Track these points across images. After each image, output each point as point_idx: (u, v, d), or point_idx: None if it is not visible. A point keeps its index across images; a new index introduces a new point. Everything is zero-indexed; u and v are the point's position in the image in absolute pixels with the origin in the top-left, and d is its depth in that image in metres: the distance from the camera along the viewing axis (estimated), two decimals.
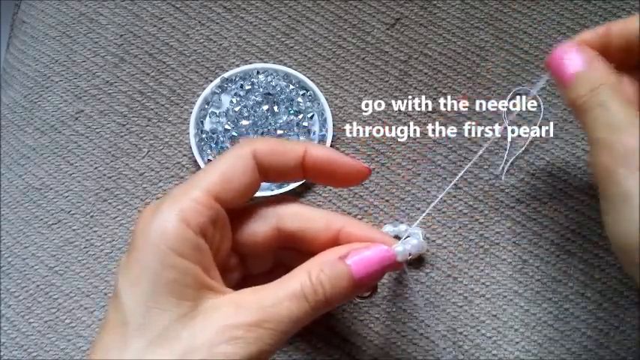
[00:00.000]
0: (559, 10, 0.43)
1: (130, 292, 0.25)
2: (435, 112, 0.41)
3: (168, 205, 0.26)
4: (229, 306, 0.25)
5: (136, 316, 0.24)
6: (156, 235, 0.25)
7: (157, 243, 0.25)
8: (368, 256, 0.27)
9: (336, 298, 0.26)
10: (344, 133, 0.41)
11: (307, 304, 0.26)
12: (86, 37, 0.44)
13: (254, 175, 0.28)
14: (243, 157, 0.28)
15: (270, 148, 0.28)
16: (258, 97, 0.41)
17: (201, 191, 0.26)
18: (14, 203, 0.40)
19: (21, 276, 0.38)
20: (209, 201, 0.26)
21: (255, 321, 0.25)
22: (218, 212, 0.27)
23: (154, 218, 0.25)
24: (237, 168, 0.27)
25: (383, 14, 0.44)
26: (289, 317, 0.25)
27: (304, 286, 0.26)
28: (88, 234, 0.39)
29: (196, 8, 0.45)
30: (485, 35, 0.43)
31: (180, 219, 0.25)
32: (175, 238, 0.25)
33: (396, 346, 0.36)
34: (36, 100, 0.43)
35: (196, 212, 0.26)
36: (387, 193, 0.39)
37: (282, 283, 0.26)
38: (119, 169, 0.40)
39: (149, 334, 0.24)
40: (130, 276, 0.25)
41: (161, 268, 0.24)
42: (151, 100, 0.42)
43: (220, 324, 0.24)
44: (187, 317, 0.24)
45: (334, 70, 0.42)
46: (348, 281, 0.27)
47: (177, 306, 0.24)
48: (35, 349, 0.36)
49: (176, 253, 0.25)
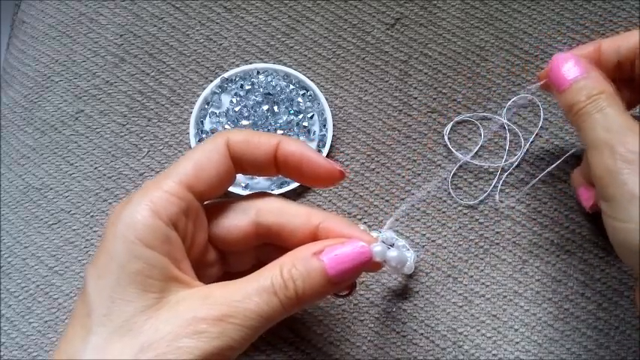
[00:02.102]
0: (559, 10, 0.43)
1: (95, 283, 0.24)
2: (435, 112, 0.41)
3: (139, 196, 0.25)
4: (196, 299, 0.24)
5: (99, 308, 0.24)
6: (124, 226, 0.25)
7: (125, 234, 0.24)
8: (343, 253, 0.26)
9: (308, 295, 0.25)
10: (344, 133, 0.41)
11: (277, 300, 0.25)
12: (86, 37, 0.44)
13: (228, 166, 0.27)
14: (216, 147, 0.27)
15: (244, 138, 0.28)
16: (258, 97, 0.41)
17: (173, 181, 0.26)
18: (14, 203, 0.40)
19: (21, 276, 0.38)
20: (181, 191, 0.26)
21: (220, 315, 0.24)
22: (190, 203, 0.26)
23: (123, 209, 0.25)
24: (210, 158, 0.27)
25: (383, 14, 0.44)
26: (257, 313, 0.24)
27: (275, 281, 0.25)
28: (88, 234, 0.39)
29: (196, 8, 0.45)
30: (485, 35, 0.43)
31: (150, 209, 0.25)
32: (143, 229, 0.24)
33: (396, 346, 0.36)
34: (36, 100, 0.43)
35: (167, 202, 0.25)
36: (387, 193, 0.39)
37: (252, 277, 0.25)
38: (119, 169, 0.40)
39: (111, 326, 0.23)
40: (97, 267, 0.25)
41: (127, 259, 0.24)
42: (151, 100, 0.42)
43: (184, 317, 0.24)
44: (152, 309, 0.24)
45: (334, 70, 0.42)
46: (321, 278, 0.25)
47: (142, 297, 0.24)
48: (35, 349, 0.36)
49: (143, 244, 0.24)
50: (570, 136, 0.40)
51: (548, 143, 0.40)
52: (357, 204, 0.39)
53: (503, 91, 0.41)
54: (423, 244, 0.38)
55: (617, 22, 0.43)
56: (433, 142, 0.40)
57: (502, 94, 0.41)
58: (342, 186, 0.39)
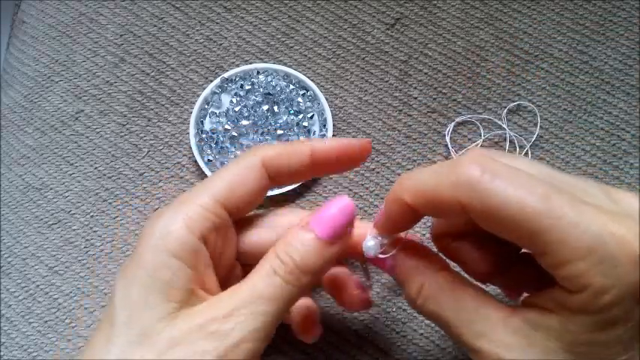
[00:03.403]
0: (559, 10, 0.43)
1: (121, 292, 0.25)
2: (435, 112, 0.41)
3: (174, 208, 0.26)
4: (206, 305, 0.25)
5: (121, 316, 0.24)
6: (157, 237, 0.25)
7: (157, 244, 0.25)
8: (325, 211, 0.26)
9: (309, 264, 0.25)
10: (344, 133, 0.41)
11: (279, 279, 0.25)
12: (86, 37, 0.44)
13: (262, 183, 0.28)
14: (251, 165, 0.28)
15: (278, 152, 0.28)
16: (258, 97, 0.41)
17: (208, 197, 0.26)
18: (14, 203, 0.40)
19: (21, 276, 0.38)
20: (215, 207, 0.26)
21: (229, 310, 0.24)
22: (223, 219, 0.27)
23: (158, 221, 0.26)
24: (245, 176, 0.28)
25: (383, 14, 0.44)
26: (263, 296, 0.25)
27: (272, 262, 0.25)
28: (88, 234, 0.39)
29: (196, 8, 0.45)
30: (485, 35, 0.43)
31: (185, 223, 0.25)
32: (175, 241, 0.25)
33: (396, 346, 0.36)
34: (36, 100, 0.43)
35: (201, 217, 0.26)
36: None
37: (253, 271, 0.26)
38: (119, 169, 0.40)
39: (131, 333, 0.24)
40: (125, 276, 0.25)
41: (156, 268, 0.25)
42: (151, 100, 0.42)
43: (196, 321, 0.24)
44: (170, 317, 0.24)
45: (334, 70, 0.42)
46: (315, 243, 0.26)
47: (163, 306, 0.24)
48: (35, 349, 0.36)
49: (172, 255, 0.25)
50: (567, 142, 0.40)
51: (548, 143, 0.40)
52: (357, 204, 0.39)
53: (503, 91, 0.41)
54: None
55: (617, 22, 0.43)
56: (433, 142, 0.40)
57: (502, 94, 0.41)
58: (342, 186, 0.39)
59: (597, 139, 0.40)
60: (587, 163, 0.39)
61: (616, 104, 0.41)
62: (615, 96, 0.41)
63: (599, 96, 0.41)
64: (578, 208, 0.21)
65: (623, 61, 0.42)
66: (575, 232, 0.20)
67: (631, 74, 0.41)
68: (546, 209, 0.21)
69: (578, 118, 0.41)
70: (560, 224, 0.21)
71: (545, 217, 0.21)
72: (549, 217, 0.21)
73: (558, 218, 0.21)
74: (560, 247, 0.21)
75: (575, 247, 0.20)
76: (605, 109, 0.41)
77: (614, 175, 0.39)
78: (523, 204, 0.21)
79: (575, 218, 0.21)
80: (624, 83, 0.41)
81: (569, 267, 0.21)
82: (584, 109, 0.41)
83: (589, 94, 0.41)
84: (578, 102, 0.41)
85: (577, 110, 0.41)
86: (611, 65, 0.42)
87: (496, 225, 0.22)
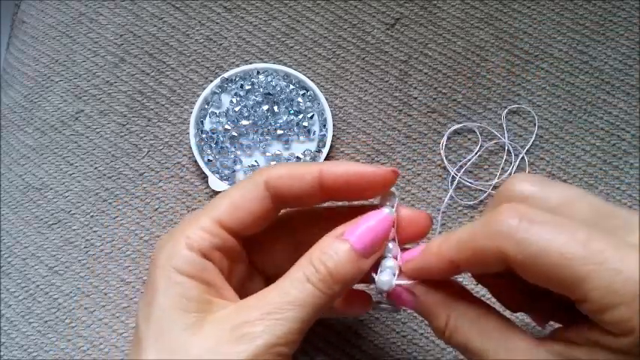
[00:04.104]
0: (559, 10, 0.43)
1: (143, 316, 0.26)
2: (435, 112, 0.41)
3: (178, 231, 0.27)
4: (235, 310, 0.26)
5: (148, 337, 0.25)
6: (164, 260, 0.26)
7: (164, 265, 0.26)
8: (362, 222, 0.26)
9: (342, 274, 0.25)
10: (344, 133, 0.41)
11: (311, 286, 0.25)
12: (86, 37, 0.44)
13: (265, 204, 0.28)
14: (254, 185, 0.28)
15: (283, 173, 0.28)
16: (258, 97, 0.41)
17: (207, 219, 0.27)
18: (14, 203, 0.40)
19: (21, 276, 0.38)
20: (213, 228, 0.27)
21: (259, 315, 0.25)
22: (223, 239, 0.27)
23: (163, 246, 0.27)
24: (246, 197, 0.28)
25: (383, 14, 0.44)
26: (294, 303, 0.25)
27: (305, 269, 0.25)
28: (88, 234, 0.39)
29: (196, 8, 0.45)
30: (485, 35, 0.43)
31: (186, 244, 0.26)
32: (180, 260, 0.26)
33: (396, 346, 0.36)
34: (36, 100, 0.43)
35: (200, 238, 0.27)
36: None
37: (284, 276, 0.26)
38: (119, 169, 0.40)
39: (159, 346, 0.25)
40: (144, 298, 0.27)
41: (167, 286, 0.26)
42: (151, 100, 0.42)
43: (225, 326, 0.25)
44: (195, 327, 0.25)
45: (334, 70, 0.42)
46: (350, 254, 0.26)
47: (183, 317, 0.25)
48: (35, 349, 0.36)
49: (179, 272, 0.26)
50: (567, 142, 0.40)
51: (548, 143, 0.40)
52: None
53: (503, 91, 0.41)
54: None
55: (617, 22, 0.43)
56: (433, 142, 0.40)
57: (502, 94, 0.41)
58: None
59: (597, 139, 0.40)
60: (587, 163, 0.39)
61: (616, 104, 0.41)
62: (615, 96, 0.41)
63: (599, 96, 0.41)
64: (620, 252, 0.21)
65: (623, 61, 0.42)
66: (618, 278, 0.20)
67: (631, 74, 0.41)
68: (587, 255, 0.21)
69: (578, 118, 0.41)
70: (602, 270, 0.20)
71: (586, 264, 0.20)
72: (590, 264, 0.20)
73: (600, 264, 0.20)
74: (602, 293, 0.20)
75: (618, 294, 0.20)
76: (605, 109, 0.41)
77: (614, 175, 0.39)
78: (563, 250, 0.21)
79: (617, 264, 0.20)
80: (624, 83, 0.41)
81: (612, 312, 0.20)
82: (584, 109, 0.41)
83: (589, 94, 0.41)
84: (578, 102, 0.41)
85: (577, 110, 0.41)
86: (611, 65, 0.42)
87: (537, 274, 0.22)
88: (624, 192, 0.39)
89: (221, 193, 0.29)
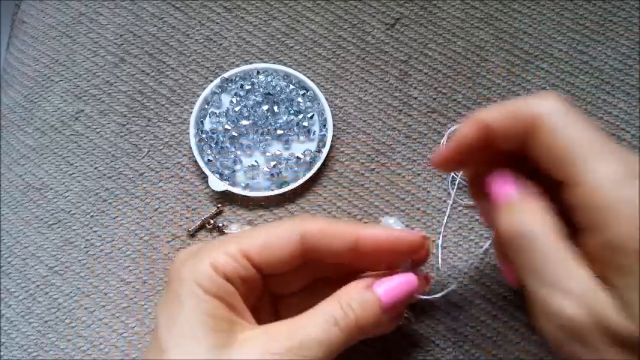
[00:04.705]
0: (559, 10, 0.43)
1: (166, 323, 0.26)
2: (435, 112, 0.41)
3: (206, 251, 0.28)
4: (263, 336, 0.26)
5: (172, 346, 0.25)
6: (188, 273, 0.27)
7: (188, 279, 0.27)
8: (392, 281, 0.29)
9: (366, 324, 0.27)
10: (344, 133, 0.41)
11: (338, 330, 0.27)
12: (86, 37, 0.44)
13: (294, 252, 0.28)
14: (290, 232, 0.29)
15: (321, 229, 0.29)
16: (258, 97, 0.41)
17: (234, 247, 0.28)
18: (14, 203, 0.40)
19: (21, 276, 0.38)
20: (238, 257, 0.28)
21: (288, 347, 0.26)
22: (247, 270, 0.28)
23: (189, 260, 0.28)
24: (279, 241, 0.28)
25: (383, 14, 0.44)
26: (321, 343, 0.26)
27: (334, 311, 0.27)
28: (88, 234, 0.39)
29: (196, 8, 0.45)
30: (485, 35, 0.43)
31: (210, 264, 0.27)
32: (206, 279, 0.27)
33: (396, 346, 0.36)
34: (36, 100, 0.43)
35: (225, 262, 0.27)
36: (387, 193, 0.39)
37: (312, 312, 0.27)
38: (119, 169, 0.40)
39: None
40: (168, 308, 0.27)
41: (195, 302, 0.26)
42: (151, 100, 0.42)
43: (256, 352, 0.25)
44: (222, 347, 0.25)
45: (334, 70, 0.42)
46: (376, 306, 0.28)
47: (212, 337, 0.26)
48: (35, 349, 0.36)
49: (206, 291, 0.26)
50: None
51: None
52: (357, 204, 0.39)
53: (503, 91, 0.41)
54: None
55: (617, 22, 0.43)
56: (433, 142, 0.40)
57: (502, 94, 0.41)
58: (342, 186, 0.39)
59: None
60: None
61: (616, 104, 0.41)
62: (615, 96, 0.41)
63: (599, 96, 0.41)
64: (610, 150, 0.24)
65: (623, 61, 0.42)
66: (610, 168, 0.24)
67: (631, 74, 0.42)
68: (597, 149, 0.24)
69: None
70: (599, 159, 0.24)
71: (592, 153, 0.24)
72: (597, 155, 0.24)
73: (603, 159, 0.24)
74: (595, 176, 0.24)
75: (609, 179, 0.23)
76: (605, 109, 0.41)
77: None
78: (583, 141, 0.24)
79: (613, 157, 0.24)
80: (624, 83, 0.41)
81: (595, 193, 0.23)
82: (584, 109, 0.41)
83: (589, 94, 0.41)
84: (578, 102, 0.41)
85: None
86: (611, 65, 0.42)
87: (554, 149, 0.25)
88: None
89: (257, 227, 0.29)
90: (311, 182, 0.39)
